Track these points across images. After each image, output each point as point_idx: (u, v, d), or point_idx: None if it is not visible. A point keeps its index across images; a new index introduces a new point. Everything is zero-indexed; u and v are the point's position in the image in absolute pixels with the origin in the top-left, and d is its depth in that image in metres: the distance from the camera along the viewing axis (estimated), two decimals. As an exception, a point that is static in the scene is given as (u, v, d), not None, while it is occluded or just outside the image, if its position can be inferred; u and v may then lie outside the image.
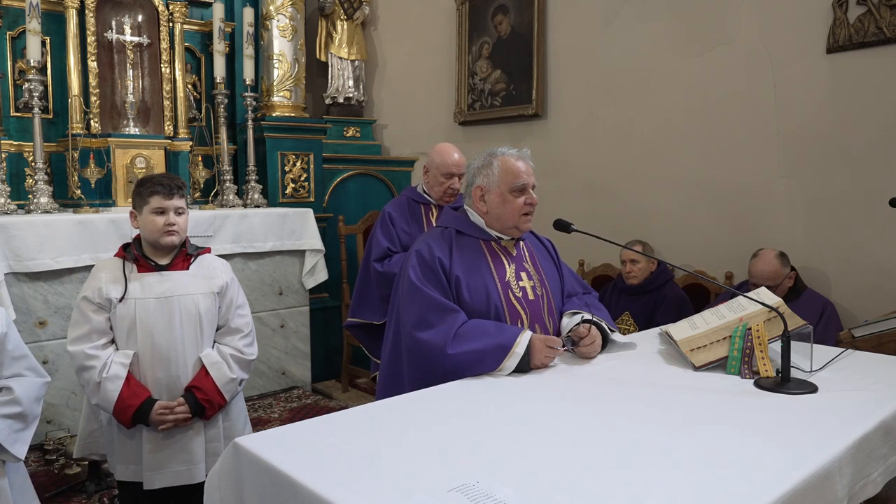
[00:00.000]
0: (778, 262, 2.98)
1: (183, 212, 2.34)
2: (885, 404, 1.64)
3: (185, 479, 2.30)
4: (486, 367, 1.89)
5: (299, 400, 4.07)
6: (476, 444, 1.41)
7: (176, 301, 2.29)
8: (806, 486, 1.25)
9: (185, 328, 2.31)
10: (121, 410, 2.19)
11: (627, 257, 3.41)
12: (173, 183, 2.32)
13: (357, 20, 5.05)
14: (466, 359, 1.89)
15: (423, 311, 1.99)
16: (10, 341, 1.96)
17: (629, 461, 1.32)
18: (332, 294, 4.63)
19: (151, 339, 2.26)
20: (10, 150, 3.70)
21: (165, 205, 2.27)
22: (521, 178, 2.12)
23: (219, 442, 2.39)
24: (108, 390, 2.17)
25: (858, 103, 3.07)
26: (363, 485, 1.23)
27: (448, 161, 3.18)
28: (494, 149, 2.20)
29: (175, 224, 2.29)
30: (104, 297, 2.23)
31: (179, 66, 4.09)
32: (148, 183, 2.32)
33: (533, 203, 2.15)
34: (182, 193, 2.34)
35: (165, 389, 2.28)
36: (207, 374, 2.31)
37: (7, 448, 1.89)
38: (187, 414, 2.26)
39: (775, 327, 1.95)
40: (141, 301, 2.26)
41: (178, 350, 2.29)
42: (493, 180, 2.13)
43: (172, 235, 2.29)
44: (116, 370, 2.20)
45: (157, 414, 2.22)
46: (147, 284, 2.28)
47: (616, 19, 3.95)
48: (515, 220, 2.14)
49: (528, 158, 2.19)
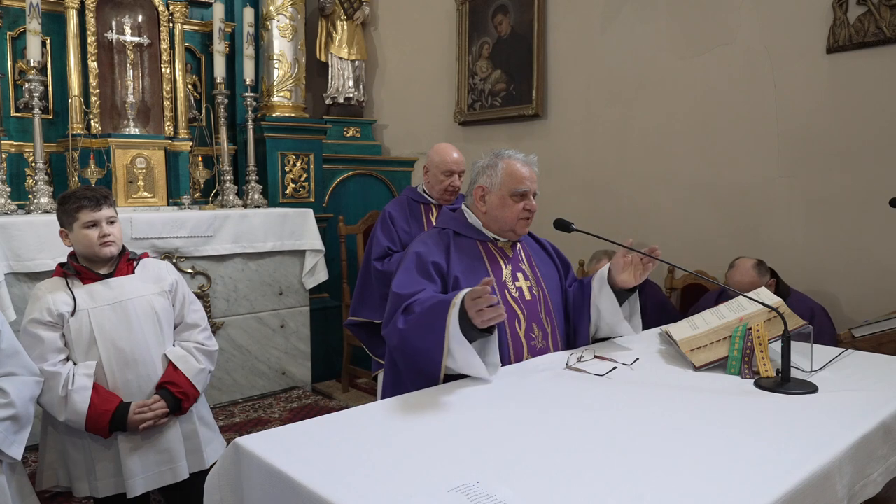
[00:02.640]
0: (755, 271, 2.93)
1: (115, 220, 2.29)
2: (885, 404, 1.63)
3: (168, 478, 2.29)
4: (438, 325, 1.78)
5: (299, 400, 4.07)
6: (476, 445, 1.41)
7: (130, 304, 2.27)
8: (806, 487, 1.25)
9: (145, 328, 2.29)
10: (95, 419, 2.14)
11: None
12: (98, 194, 2.27)
13: (357, 20, 5.05)
14: (417, 325, 1.85)
15: (390, 308, 2.00)
16: (3, 339, 1.97)
17: (629, 461, 1.32)
18: (333, 294, 4.63)
19: (113, 344, 2.23)
20: (11, 150, 3.70)
21: (95, 217, 2.22)
22: (524, 183, 2.12)
23: (196, 438, 2.39)
24: (77, 402, 2.12)
25: (858, 103, 3.07)
26: (363, 485, 1.23)
27: (447, 159, 3.22)
28: (502, 150, 2.20)
29: (110, 234, 2.25)
30: (55, 315, 2.17)
31: (179, 66, 4.09)
32: (72, 198, 2.25)
33: (532, 209, 2.15)
34: (110, 202, 2.29)
35: (137, 391, 2.26)
36: (177, 369, 2.32)
37: (4, 451, 1.91)
38: (165, 409, 2.25)
39: (775, 327, 1.95)
40: (94, 310, 2.22)
41: (143, 350, 2.27)
42: (495, 182, 2.14)
43: (109, 246, 2.25)
44: (82, 381, 2.15)
45: (136, 413, 2.19)
46: (96, 293, 2.25)
47: (616, 19, 3.95)
48: (513, 223, 2.15)
49: (534, 164, 2.19)
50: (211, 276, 3.85)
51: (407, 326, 1.88)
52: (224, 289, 3.91)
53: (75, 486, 2.25)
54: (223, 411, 3.81)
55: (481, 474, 1.25)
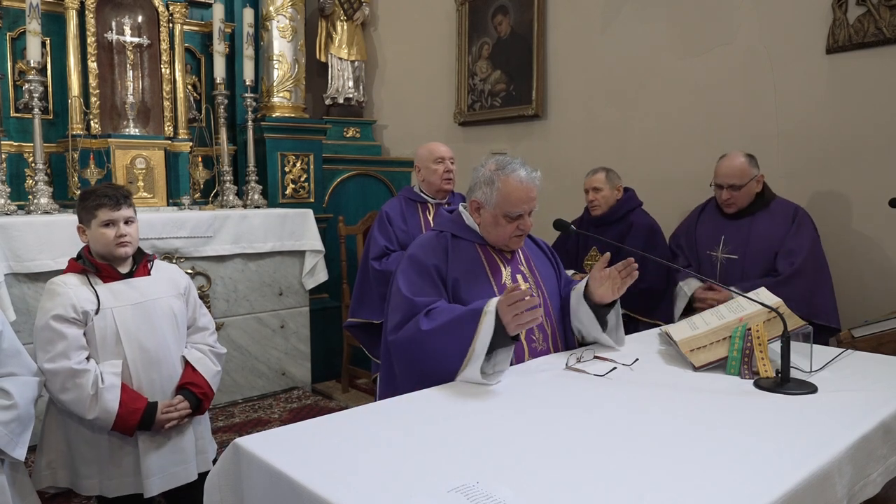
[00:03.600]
0: (745, 160, 2.97)
1: (132, 221, 2.29)
2: (884, 404, 1.64)
3: (181, 479, 2.31)
4: (466, 334, 1.80)
5: (299, 400, 4.07)
6: (476, 445, 1.41)
7: (151, 305, 2.29)
8: (805, 487, 1.25)
9: (166, 329, 2.31)
10: (125, 417, 2.15)
11: (590, 185, 3.40)
12: (119, 193, 2.27)
13: (357, 21, 5.05)
14: (443, 331, 1.84)
15: (402, 314, 1.97)
16: (4, 339, 1.98)
17: (628, 461, 1.32)
18: (332, 294, 4.63)
19: (139, 344, 2.24)
20: (10, 150, 3.70)
21: (114, 216, 2.22)
22: (519, 208, 2.06)
23: (204, 438, 2.43)
24: (108, 400, 2.12)
25: (858, 103, 3.07)
26: (363, 485, 1.23)
27: (433, 149, 3.39)
28: (505, 162, 2.09)
29: (126, 234, 2.24)
30: (79, 312, 2.16)
31: (179, 66, 4.09)
32: (93, 196, 2.26)
33: (525, 229, 2.10)
34: (129, 203, 2.29)
35: (160, 391, 2.28)
36: (195, 371, 2.35)
37: (8, 452, 1.92)
38: (189, 409, 2.29)
39: (775, 327, 1.95)
40: (118, 309, 2.22)
41: (165, 351, 2.30)
42: (490, 200, 2.07)
43: (125, 247, 2.25)
44: (111, 380, 2.15)
45: (163, 413, 2.22)
46: (118, 293, 2.25)
47: (616, 19, 3.95)
48: (505, 241, 2.14)
49: (536, 181, 2.09)
50: (211, 277, 3.85)
51: (432, 328, 1.86)
52: (224, 289, 3.91)
53: (82, 485, 2.24)
54: (223, 411, 3.81)
55: (481, 474, 1.25)
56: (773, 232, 2.94)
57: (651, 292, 3.15)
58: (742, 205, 3.02)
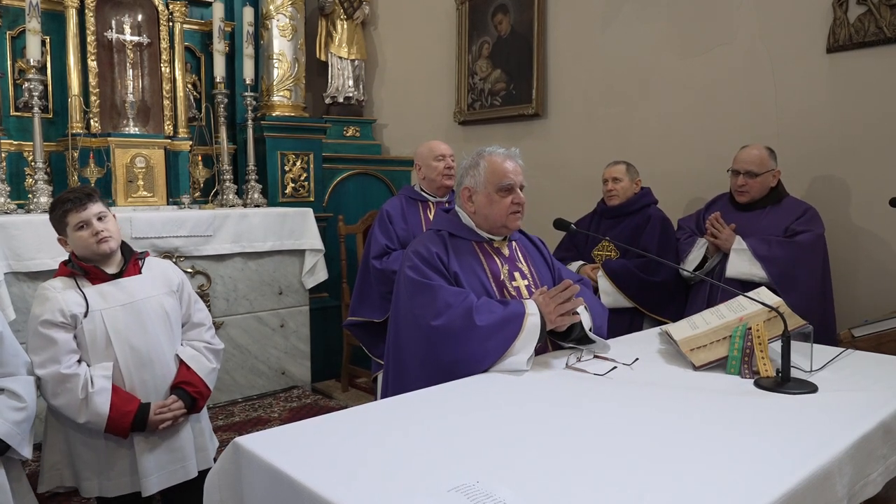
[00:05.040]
0: (766, 152, 3.01)
1: (105, 216, 2.25)
2: (885, 404, 1.64)
3: (180, 476, 2.30)
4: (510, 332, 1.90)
5: (299, 400, 4.07)
6: (476, 445, 1.41)
7: (141, 305, 2.27)
8: (806, 486, 1.25)
9: (158, 329, 2.30)
10: (117, 420, 2.14)
11: (609, 175, 3.41)
12: (81, 193, 2.24)
13: (357, 20, 5.05)
14: (495, 327, 1.90)
15: (436, 300, 1.96)
16: (5, 339, 2.00)
17: (628, 461, 1.32)
18: (332, 294, 4.63)
19: (129, 345, 2.22)
20: (10, 149, 3.70)
21: (84, 217, 2.19)
22: (508, 177, 2.11)
23: (202, 437, 2.42)
24: (98, 403, 2.11)
25: (859, 103, 3.07)
26: (363, 485, 1.23)
27: (433, 146, 3.39)
28: (483, 148, 2.19)
29: (103, 230, 2.21)
30: (68, 316, 2.14)
31: (179, 65, 4.08)
32: (58, 204, 2.23)
33: (521, 203, 2.14)
34: (95, 199, 2.24)
35: (153, 391, 2.27)
36: (189, 369, 2.33)
37: (21, 451, 1.95)
38: (183, 409, 2.28)
39: (775, 327, 1.95)
40: (107, 311, 2.21)
41: (157, 350, 2.28)
42: (479, 181, 2.13)
43: (107, 241, 2.22)
44: (101, 383, 2.14)
45: (156, 414, 2.21)
46: (107, 294, 2.23)
47: (616, 19, 3.95)
48: (503, 219, 2.14)
49: (517, 157, 2.17)
50: (211, 276, 3.85)
51: (485, 324, 1.90)
52: (224, 288, 3.91)
53: (83, 486, 2.24)
54: (223, 411, 3.81)
55: (481, 474, 1.25)
56: (781, 223, 2.96)
57: (665, 286, 3.19)
58: (755, 195, 3.02)
